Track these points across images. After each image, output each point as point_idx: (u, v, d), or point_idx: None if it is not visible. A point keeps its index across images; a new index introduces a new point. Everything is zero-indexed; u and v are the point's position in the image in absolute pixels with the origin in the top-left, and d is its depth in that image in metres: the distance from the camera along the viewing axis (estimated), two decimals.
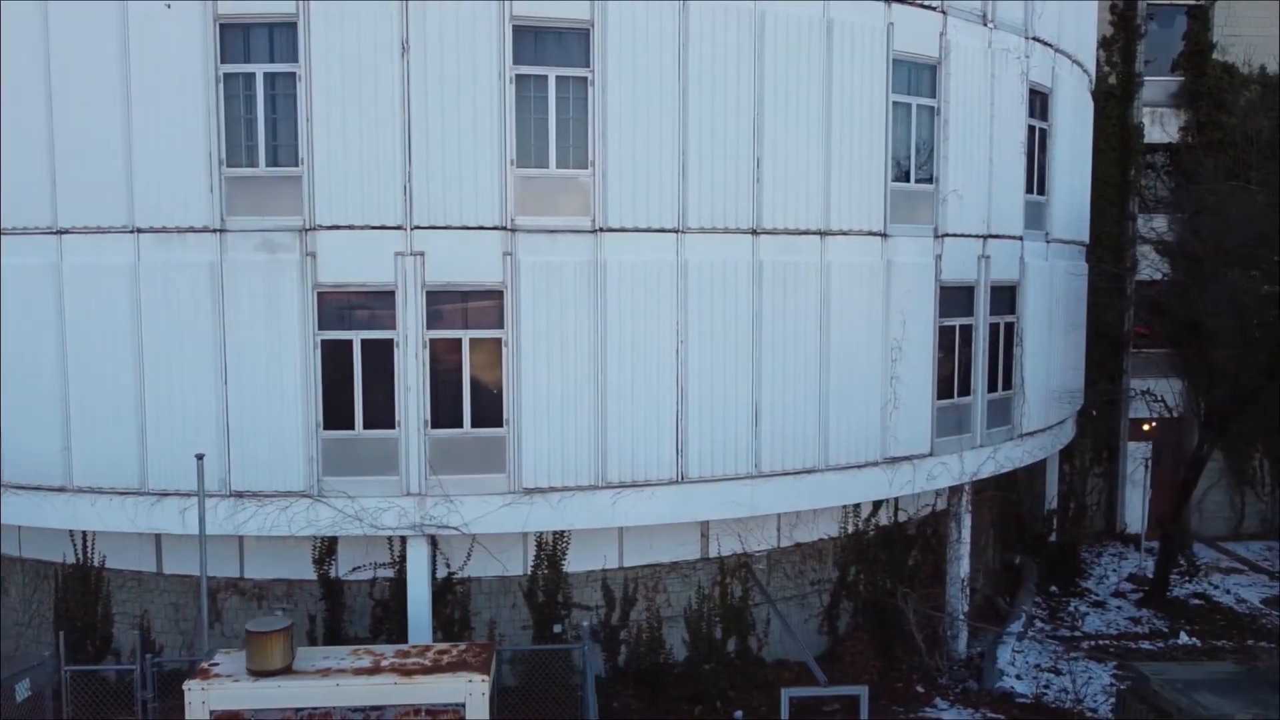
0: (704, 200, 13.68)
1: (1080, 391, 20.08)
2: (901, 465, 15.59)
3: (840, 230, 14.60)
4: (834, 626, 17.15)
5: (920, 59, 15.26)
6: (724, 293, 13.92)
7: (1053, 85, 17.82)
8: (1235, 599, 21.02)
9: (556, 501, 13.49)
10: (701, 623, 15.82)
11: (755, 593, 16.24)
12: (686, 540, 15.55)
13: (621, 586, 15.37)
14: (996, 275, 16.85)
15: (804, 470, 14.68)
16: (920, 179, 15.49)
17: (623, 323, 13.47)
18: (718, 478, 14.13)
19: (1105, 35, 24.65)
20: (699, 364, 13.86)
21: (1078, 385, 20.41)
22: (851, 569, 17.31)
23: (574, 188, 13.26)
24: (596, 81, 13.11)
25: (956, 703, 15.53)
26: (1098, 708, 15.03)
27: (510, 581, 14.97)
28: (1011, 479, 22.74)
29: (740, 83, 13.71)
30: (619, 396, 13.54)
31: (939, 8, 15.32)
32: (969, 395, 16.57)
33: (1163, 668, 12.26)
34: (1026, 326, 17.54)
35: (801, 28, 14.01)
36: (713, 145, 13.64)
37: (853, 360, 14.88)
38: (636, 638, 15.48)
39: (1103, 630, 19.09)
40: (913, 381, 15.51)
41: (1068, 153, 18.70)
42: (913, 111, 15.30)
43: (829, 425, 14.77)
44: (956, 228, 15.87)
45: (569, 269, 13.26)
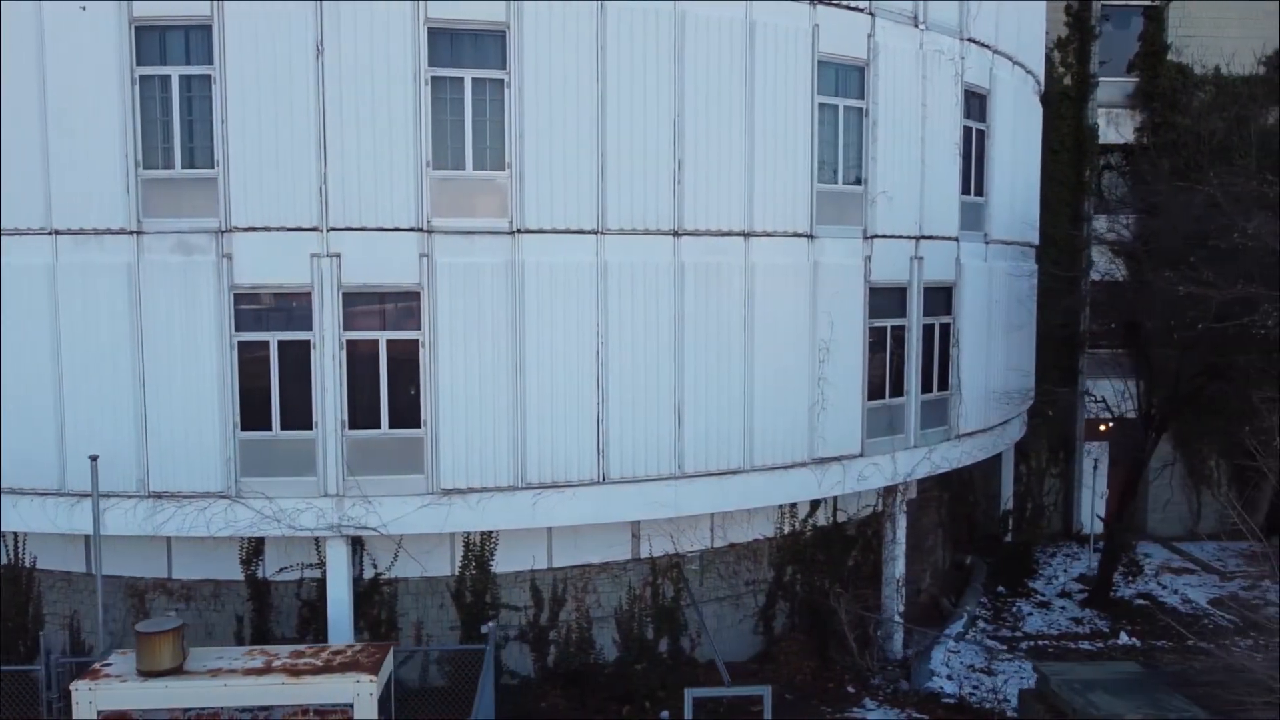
0: (624, 202, 13.71)
1: (1027, 392, 20.10)
2: (831, 466, 15.62)
3: (764, 232, 14.63)
4: (770, 627, 17.19)
5: (848, 60, 15.29)
6: (645, 294, 13.95)
7: (991, 86, 17.85)
8: (1181, 599, 21.05)
9: (476, 502, 13.52)
10: (633, 623, 15.87)
11: (687, 593, 16.29)
12: (617, 541, 15.59)
13: (550, 587, 15.41)
14: (931, 276, 16.88)
15: (729, 471, 14.71)
16: (848, 180, 15.52)
17: (541, 324, 13.49)
18: (640, 478, 14.16)
19: (1060, 36, 24.72)
20: (620, 365, 13.88)
21: (1024, 385, 20.43)
22: (788, 569, 17.35)
23: (491, 189, 13.29)
24: (513, 83, 13.14)
25: (885, 703, 15.56)
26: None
27: (438, 582, 15.01)
28: (963, 479, 22.84)
29: (660, 84, 13.74)
30: (538, 398, 13.57)
31: (867, 9, 15.35)
32: (902, 396, 16.61)
33: (1065, 668, 12.29)
34: (963, 327, 17.57)
35: (723, 30, 14.04)
36: (632, 147, 13.67)
37: (778, 361, 14.90)
38: (566, 638, 15.52)
39: (1044, 631, 19.13)
40: (841, 383, 15.53)
41: (1009, 154, 18.73)
42: (840, 113, 15.33)
43: (754, 426, 14.79)
44: (887, 229, 15.90)
45: (486, 270, 13.29)
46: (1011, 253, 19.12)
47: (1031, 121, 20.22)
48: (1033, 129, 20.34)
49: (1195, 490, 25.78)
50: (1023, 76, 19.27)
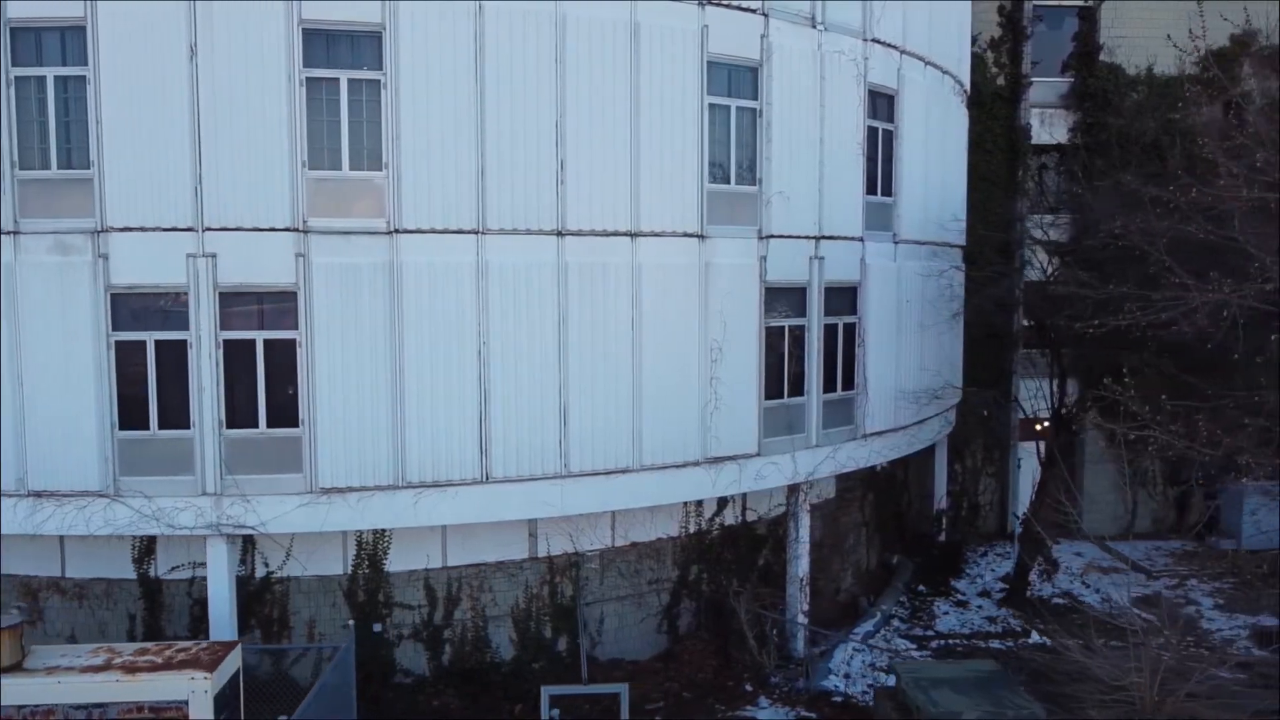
0: (505, 202, 13.76)
1: (946, 392, 20.10)
2: (726, 465, 15.67)
3: (652, 232, 14.68)
4: (674, 626, 17.25)
5: (740, 61, 15.34)
6: (528, 294, 14.00)
7: (899, 87, 17.90)
8: (1102, 598, 21.08)
9: (356, 501, 13.57)
10: (530, 622, 15.92)
11: (588, 592, 16.35)
12: (513, 540, 15.65)
13: (445, 586, 15.46)
14: (834, 276, 16.93)
15: (617, 470, 14.76)
16: (742, 181, 15.57)
17: (421, 324, 13.55)
18: (524, 478, 14.21)
19: (993, 37, 24.80)
20: (503, 365, 13.94)
21: (942, 386, 20.41)
22: (693, 568, 17.41)
23: (368, 190, 13.35)
24: (389, 84, 13.19)
25: (778, 702, 15.62)
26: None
27: (330, 581, 15.07)
28: (890, 478, 22.89)
29: (542, 85, 13.79)
30: (418, 398, 13.62)
31: (760, 10, 15.40)
32: (802, 396, 16.65)
33: (920, 666, 12.36)
34: (869, 327, 17.61)
35: (606, 31, 14.09)
36: (513, 147, 13.72)
37: (668, 362, 14.95)
38: (461, 637, 15.58)
39: (956, 630, 19.18)
40: (735, 382, 15.58)
41: (922, 155, 18.77)
42: (732, 113, 15.38)
43: (643, 426, 14.84)
44: (783, 229, 15.95)
45: (364, 270, 13.34)
46: (924, 253, 19.16)
47: (950, 122, 20.26)
48: (952, 129, 20.37)
49: (1131, 490, 25.83)
50: (938, 77, 19.31)
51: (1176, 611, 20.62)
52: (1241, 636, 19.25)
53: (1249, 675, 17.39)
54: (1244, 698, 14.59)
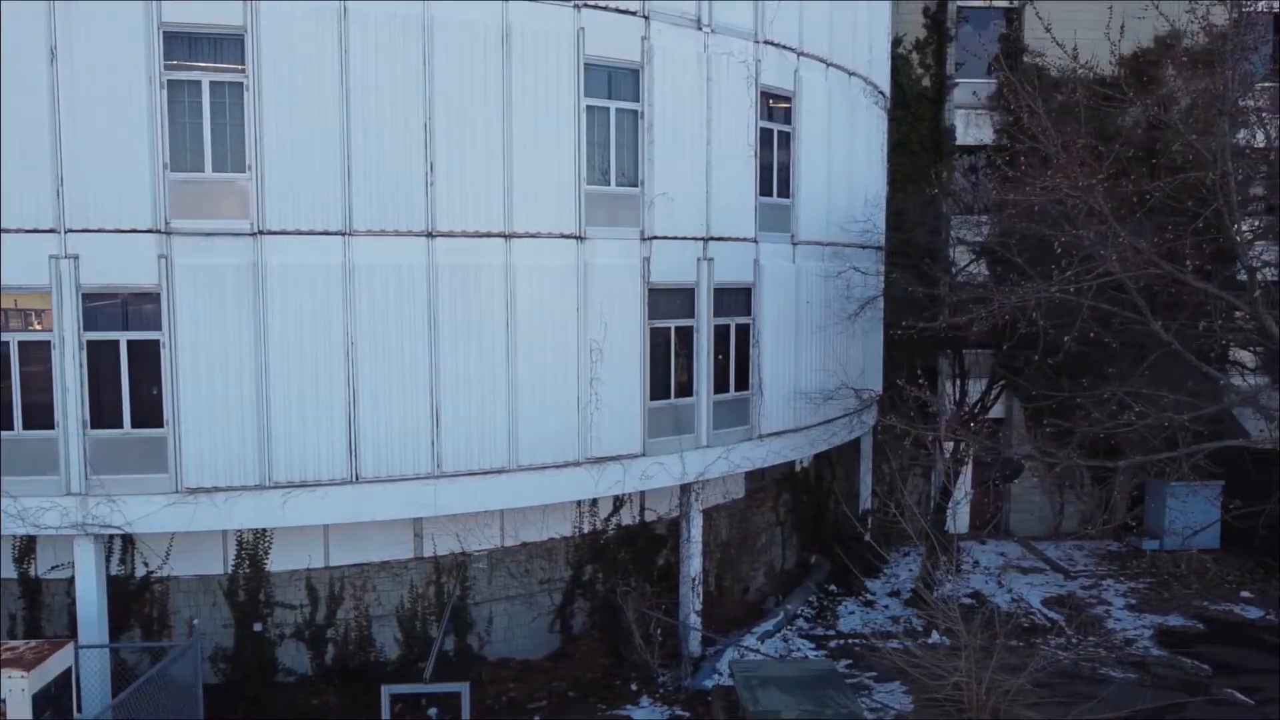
0: (372, 203, 13.82)
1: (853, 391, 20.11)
2: (609, 465, 15.73)
3: (527, 233, 14.74)
4: (567, 625, 17.31)
5: (620, 63, 15.40)
6: (398, 295, 14.06)
7: (796, 89, 17.95)
8: (1013, 598, 21.16)
9: (222, 501, 13.64)
10: (415, 621, 15.98)
11: (476, 592, 16.42)
12: (398, 540, 15.71)
13: (327, 585, 15.52)
14: (725, 277, 16.98)
15: (493, 471, 14.82)
16: (623, 182, 15.62)
17: (287, 324, 13.61)
18: (396, 478, 14.27)
19: (918, 38, 24.87)
20: (372, 366, 14.00)
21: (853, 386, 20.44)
22: (587, 568, 17.47)
23: (232, 191, 13.41)
24: (252, 86, 13.25)
25: (659, 701, 15.69)
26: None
27: (210, 580, 15.13)
28: (810, 478, 22.96)
29: (410, 87, 13.85)
30: (285, 398, 13.68)
31: (640, 12, 15.45)
32: (691, 396, 16.71)
33: (755, 665, 12.41)
34: (764, 328, 17.66)
35: (476, 33, 14.15)
36: (380, 149, 13.78)
37: (545, 362, 15.02)
38: (344, 636, 15.64)
39: (858, 629, 19.25)
40: (617, 383, 15.64)
41: (824, 156, 18.82)
42: (612, 115, 15.43)
43: (519, 427, 14.90)
44: (668, 230, 16.01)
45: (228, 272, 13.41)
46: (828, 254, 19.20)
47: (859, 123, 20.30)
48: (860, 131, 20.41)
49: (1059, 490, 25.89)
50: (843, 79, 19.37)
51: (1085, 611, 20.73)
52: (1145, 636, 19.30)
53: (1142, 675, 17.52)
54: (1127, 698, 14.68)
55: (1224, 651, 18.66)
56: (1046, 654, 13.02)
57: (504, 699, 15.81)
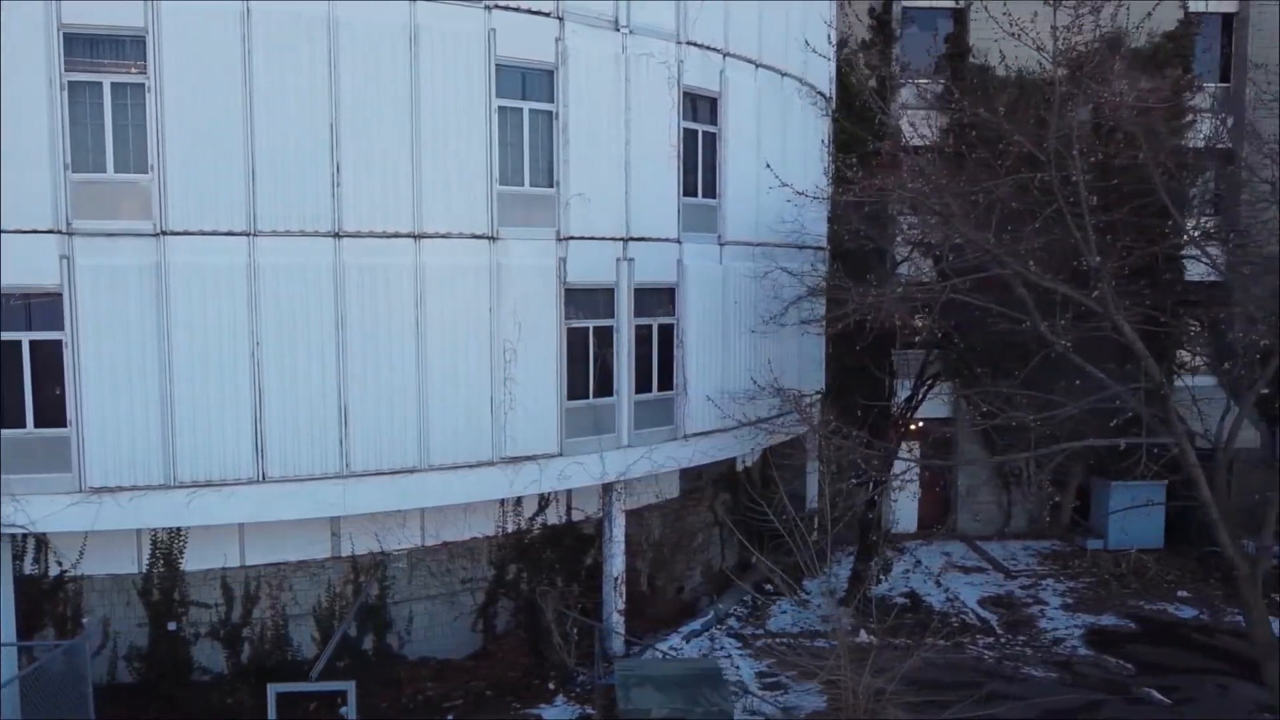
0: (278, 203, 13.86)
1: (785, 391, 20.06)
2: (524, 465, 15.78)
3: (438, 233, 14.79)
4: (490, 625, 17.37)
5: (534, 64, 15.45)
6: (304, 295, 14.10)
7: (722, 89, 17.99)
8: (948, 598, 21.21)
9: (127, 500, 13.68)
10: (333, 620, 16.03)
11: (395, 591, 16.48)
12: (315, 539, 15.76)
13: (243, 584, 15.57)
14: (647, 277, 17.03)
15: (404, 470, 14.87)
16: (538, 183, 15.67)
17: (192, 324, 13.66)
18: (304, 477, 14.31)
19: (864, 39, 24.92)
20: (278, 366, 14.04)
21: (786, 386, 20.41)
22: (511, 568, 17.52)
23: (135, 192, 13.46)
24: (154, 87, 13.29)
25: (573, 700, 15.74)
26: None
27: (124, 580, 15.17)
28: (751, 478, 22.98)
29: (315, 87, 13.89)
30: (190, 398, 13.73)
31: (554, 13, 15.49)
32: (611, 396, 16.75)
33: (639, 664, 12.47)
34: (689, 328, 17.70)
35: (383, 35, 14.19)
36: (285, 149, 13.82)
37: (457, 362, 15.06)
38: (261, 635, 15.69)
39: (788, 629, 19.31)
40: (532, 383, 15.68)
41: (754, 156, 18.83)
42: (525, 116, 15.48)
43: (430, 426, 14.95)
44: (585, 230, 16.05)
45: (131, 272, 13.45)
46: (759, 254, 19.21)
47: (793, 124, 20.32)
48: (795, 131, 20.43)
49: (1005, 491, 25.94)
50: (774, 79, 19.40)
51: (1019, 610, 20.78)
52: (1075, 635, 19.35)
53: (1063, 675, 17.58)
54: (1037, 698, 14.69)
55: (1152, 651, 18.72)
56: (920, 654, 12.99)
57: (420, 698, 15.88)
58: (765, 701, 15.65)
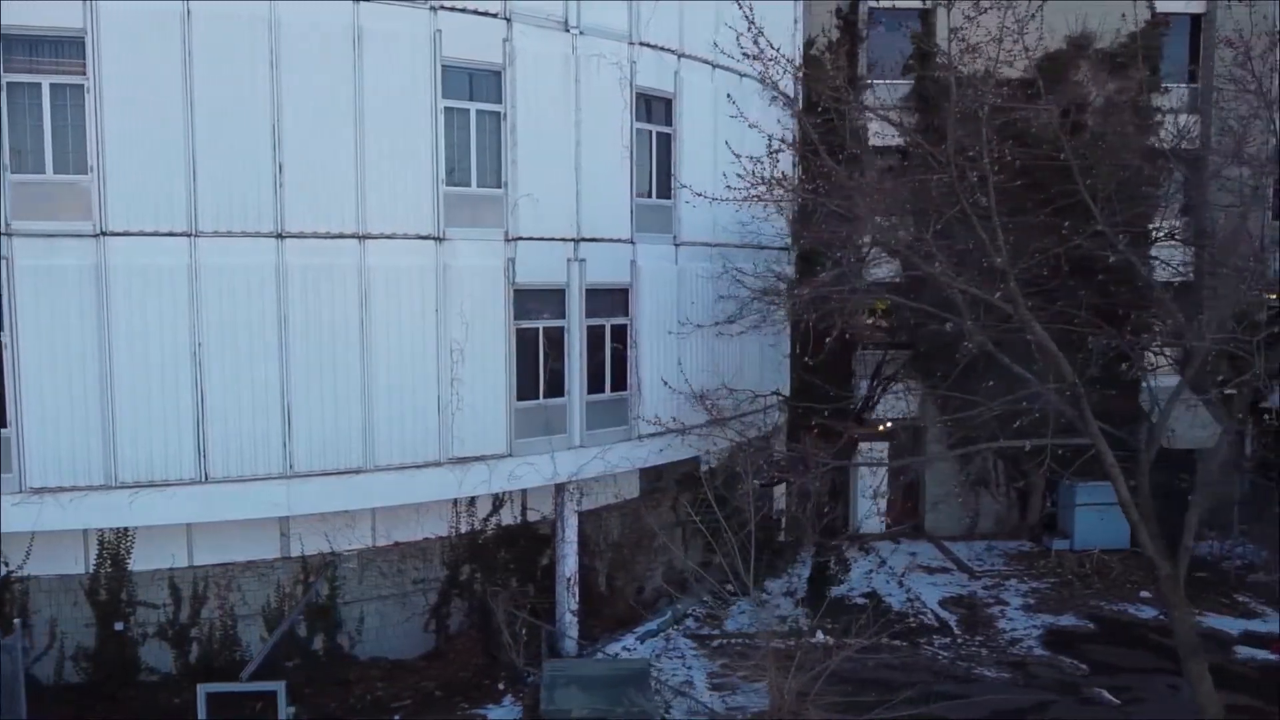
0: (220, 204, 13.88)
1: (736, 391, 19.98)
2: (473, 466, 15.79)
3: (383, 234, 14.81)
4: (444, 625, 17.38)
5: (481, 65, 15.47)
6: (246, 296, 14.12)
7: (677, 90, 18.02)
8: (909, 598, 21.22)
9: (68, 501, 13.70)
10: (282, 621, 16.03)
11: (345, 591, 16.49)
12: (264, 539, 15.75)
13: (191, 585, 15.58)
14: (600, 278, 17.05)
15: (349, 470, 14.89)
16: (485, 183, 15.69)
17: (132, 325, 13.67)
18: (247, 478, 14.33)
19: (831, 40, 24.93)
20: (220, 366, 14.06)
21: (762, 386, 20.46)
22: (464, 568, 17.53)
23: (74, 193, 13.47)
24: (93, 88, 13.32)
25: (520, 701, 15.74)
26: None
27: (71, 580, 15.17)
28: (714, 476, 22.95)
29: (257, 88, 13.91)
30: (131, 399, 13.75)
31: (501, 14, 15.51)
32: (562, 397, 16.76)
33: (566, 664, 12.50)
34: (643, 328, 17.71)
35: (326, 35, 14.21)
36: (227, 149, 13.84)
37: (402, 363, 15.08)
38: (209, 636, 15.70)
39: (744, 629, 19.29)
40: (480, 384, 15.70)
41: (710, 157, 18.80)
42: (472, 117, 15.50)
43: (375, 427, 14.96)
44: (534, 231, 16.07)
45: (71, 273, 13.47)
46: (716, 254, 19.19)
47: None
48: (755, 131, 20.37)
49: (974, 491, 25.93)
50: (733, 80, 19.34)
51: (980, 611, 20.79)
52: (1033, 636, 19.36)
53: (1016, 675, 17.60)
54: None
55: (1109, 651, 18.74)
56: (838, 655, 13.03)
57: (369, 698, 15.89)
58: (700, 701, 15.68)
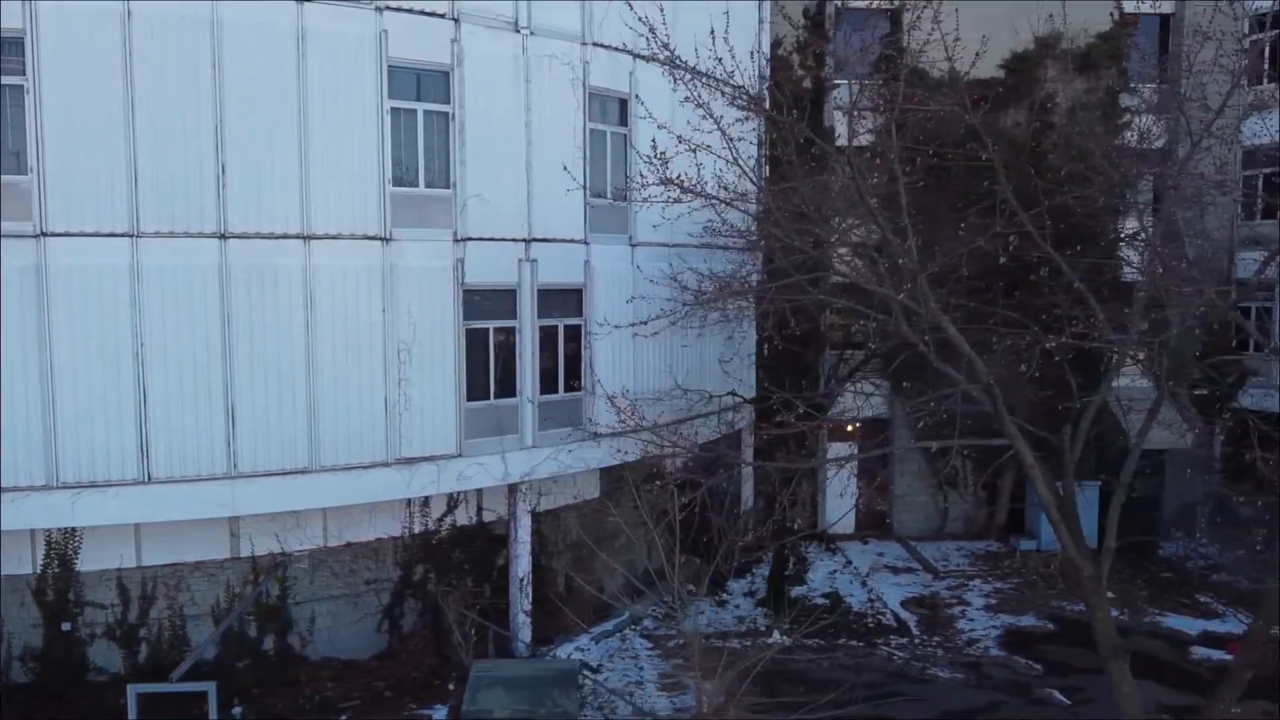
0: (162, 205, 13.88)
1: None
2: (421, 465, 15.79)
3: (328, 234, 14.81)
4: (397, 625, 17.39)
5: (429, 65, 15.46)
6: (189, 296, 14.11)
7: (632, 90, 18.01)
8: (870, 599, 21.21)
9: (10, 501, 13.70)
10: (231, 621, 16.04)
11: (297, 591, 16.50)
12: (214, 539, 15.75)
13: (139, 585, 15.59)
14: (553, 278, 17.04)
15: (294, 471, 14.88)
16: (434, 184, 15.68)
17: (73, 326, 13.67)
18: (190, 478, 14.33)
19: (799, 39, 24.91)
20: (164, 367, 14.05)
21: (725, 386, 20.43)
22: (418, 568, 17.54)
23: (15, 193, 13.46)
24: (33, 89, 13.31)
25: None
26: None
27: (19, 580, 15.17)
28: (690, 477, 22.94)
29: (199, 88, 13.90)
30: (72, 399, 13.75)
31: (449, 14, 15.50)
32: (514, 397, 16.76)
33: (495, 665, 12.51)
34: (598, 329, 17.70)
35: (269, 36, 14.20)
36: (169, 150, 13.83)
37: (348, 363, 15.07)
38: (158, 636, 15.70)
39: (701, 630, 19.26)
40: (428, 383, 15.70)
41: None
42: (420, 117, 15.50)
43: (321, 427, 14.96)
44: (484, 231, 16.07)
45: (12, 273, 13.45)
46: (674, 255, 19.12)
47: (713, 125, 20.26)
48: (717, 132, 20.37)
49: (942, 491, 25.94)
50: None
51: (941, 611, 20.79)
52: (991, 636, 19.36)
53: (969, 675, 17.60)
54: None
55: (1065, 651, 18.73)
56: (763, 656, 13.03)
57: (317, 698, 15.90)
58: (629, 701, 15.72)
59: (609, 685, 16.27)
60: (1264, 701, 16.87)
